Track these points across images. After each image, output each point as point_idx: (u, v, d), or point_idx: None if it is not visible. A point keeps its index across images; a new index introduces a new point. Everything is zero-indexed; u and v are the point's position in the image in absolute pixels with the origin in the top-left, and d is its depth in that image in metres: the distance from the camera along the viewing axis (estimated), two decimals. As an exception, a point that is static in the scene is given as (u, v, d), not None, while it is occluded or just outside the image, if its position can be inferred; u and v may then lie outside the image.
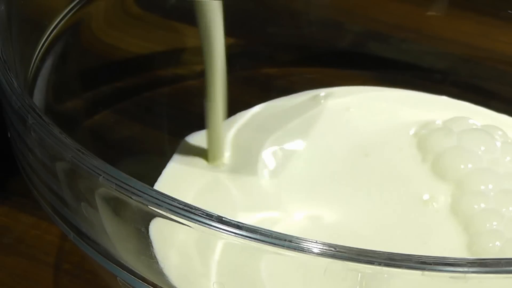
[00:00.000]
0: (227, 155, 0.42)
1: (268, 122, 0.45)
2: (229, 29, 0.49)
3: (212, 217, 0.25)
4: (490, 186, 0.39)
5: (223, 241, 0.26)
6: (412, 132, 0.43)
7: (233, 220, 0.24)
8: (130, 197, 0.26)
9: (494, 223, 0.37)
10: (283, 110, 0.46)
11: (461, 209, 0.38)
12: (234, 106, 0.45)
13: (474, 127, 0.42)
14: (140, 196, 0.25)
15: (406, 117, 0.45)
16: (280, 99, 0.46)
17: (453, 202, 0.39)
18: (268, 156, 0.42)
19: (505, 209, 0.38)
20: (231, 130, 0.44)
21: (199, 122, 0.43)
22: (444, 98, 0.46)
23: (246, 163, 0.42)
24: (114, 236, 0.28)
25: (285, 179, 0.41)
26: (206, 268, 0.29)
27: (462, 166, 0.40)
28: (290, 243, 0.24)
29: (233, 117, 0.44)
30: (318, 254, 0.24)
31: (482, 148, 0.41)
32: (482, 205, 0.38)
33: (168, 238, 0.28)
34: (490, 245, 0.37)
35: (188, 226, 0.25)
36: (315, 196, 0.40)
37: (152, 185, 0.39)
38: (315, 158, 0.42)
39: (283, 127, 0.44)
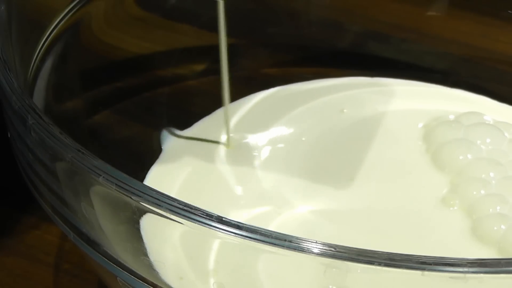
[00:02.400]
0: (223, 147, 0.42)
1: (266, 113, 0.45)
2: (229, 29, 0.49)
3: (212, 217, 0.25)
4: (492, 174, 0.39)
5: (223, 241, 0.25)
6: (421, 125, 0.44)
7: (233, 220, 0.24)
8: (130, 197, 0.26)
9: (498, 207, 0.37)
10: (282, 100, 0.46)
11: (460, 197, 0.39)
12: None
13: (486, 122, 0.43)
14: (140, 196, 0.25)
15: (418, 110, 0.45)
16: (278, 88, 0.47)
17: (452, 190, 0.39)
18: (265, 147, 0.42)
19: (509, 195, 0.38)
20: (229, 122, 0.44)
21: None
22: (463, 93, 0.47)
23: (242, 155, 0.42)
24: (114, 236, 0.28)
25: (282, 172, 0.41)
26: (206, 268, 0.29)
27: (461, 157, 0.40)
28: (290, 243, 0.24)
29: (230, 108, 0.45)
30: (318, 254, 0.24)
31: (488, 140, 0.41)
32: (482, 192, 0.38)
33: (167, 238, 0.28)
34: (495, 228, 0.37)
35: (188, 226, 0.25)
36: (312, 189, 0.40)
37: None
38: (314, 149, 0.42)
39: (282, 117, 0.44)
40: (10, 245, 0.40)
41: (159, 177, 0.40)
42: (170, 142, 0.43)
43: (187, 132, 0.43)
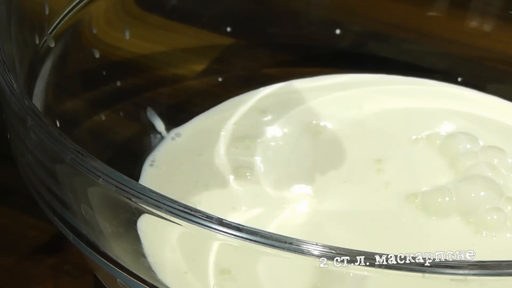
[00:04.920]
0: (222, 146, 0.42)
1: (267, 111, 0.45)
2: (229, 29, 0.49)
3: (212, 219, 0.25)
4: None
5: (223, 242, 0.25)
6: (421, 124, 0.44)
7: (233, 222, 0.24)
8: (130, 199, 0.26)
9: (468, 145, 0.41)
10: (283, 99, 0.46)
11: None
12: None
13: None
14: (140, 198, 0.25)
15: (419, 108, 0.45)
16: (279, 85, 0.47)
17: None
18: (265, 146, 0.42)
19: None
20: (228, 121, 0.44)
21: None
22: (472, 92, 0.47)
23: (241, 154, 0.42)
24: (113, 237, 0.28)
25: (282, 172, 0.41)
26: (206, 270, 0.29)
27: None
28: (291, 245, 0.24)
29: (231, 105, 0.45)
30: (318, 256, 0.24)
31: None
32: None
33: (166, 239, 0.28)
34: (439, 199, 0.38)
35: (188, 228, 0.25)
36: (311, 190, 0.40)
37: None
38: (314, 147, 0.42)
39: (283, 116, 0.44)
40: (10, 245, 0.40)
41: (157, 178, 0.40)
42: (169, 142, 0.43)
43: (186, 131, 0.43)
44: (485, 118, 0.45)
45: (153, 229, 0.27)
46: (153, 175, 0.40)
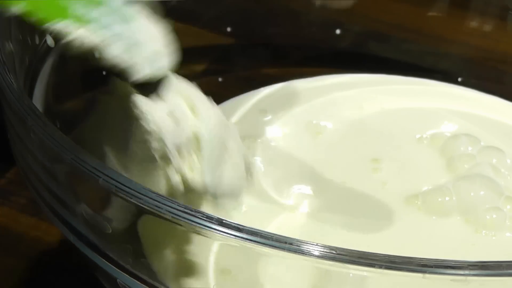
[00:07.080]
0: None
1: (267, 111, 0.45)
2: (229, 29, 0.49)
3: (212, 219, 0.25)
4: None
5: (223, 243, 0.25)
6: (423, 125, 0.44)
7: (233, 223, 0.24)
8: (130, 199, 0.25)
9: (469, 148, 0.41)
10: (284, 97, 0.46)
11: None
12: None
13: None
14: (140, 198, 0.25)
15: (418, 108, 0.46)
16: (279, 84, 0.47)
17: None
18: (265, 146, 0.42)
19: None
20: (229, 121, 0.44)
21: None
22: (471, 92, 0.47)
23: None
24: (113, 238, 0.28)
25: (282, 172, 0.41)
26: (206, 271, 0.29)
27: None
28: (291, 245, 0.24)
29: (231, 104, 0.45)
30: (318, 256, 0.24)
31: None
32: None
33: (167, 240, 0.28)
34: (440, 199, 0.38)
35: (188, 228, 0.25)
36: (311, 189, 0.40)
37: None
38: (314, 147, 0.42)
39: (282, 116, 0.44)
40: (10, 246, 0.40)
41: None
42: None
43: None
44: (485, 118, 0.45)
45: (153, 229, 0.27)
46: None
